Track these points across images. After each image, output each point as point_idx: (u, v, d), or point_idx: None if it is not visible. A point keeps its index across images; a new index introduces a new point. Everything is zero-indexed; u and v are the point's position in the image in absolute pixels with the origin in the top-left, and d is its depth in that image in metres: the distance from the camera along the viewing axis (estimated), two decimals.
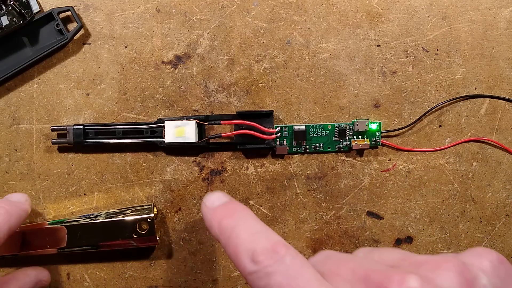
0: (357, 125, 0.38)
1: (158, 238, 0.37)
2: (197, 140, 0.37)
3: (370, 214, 0.40)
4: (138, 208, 0.37)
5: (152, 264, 0.39)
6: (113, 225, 0.37)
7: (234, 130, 0.38)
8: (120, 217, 0.37)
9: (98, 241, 0.37)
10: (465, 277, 0.21)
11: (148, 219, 0.36)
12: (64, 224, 0.37)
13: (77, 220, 0.37)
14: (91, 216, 0.37)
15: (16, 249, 0.37)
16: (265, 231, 0.25)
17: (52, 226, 0.37)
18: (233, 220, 0.26)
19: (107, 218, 0.37)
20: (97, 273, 0.39)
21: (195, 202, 0.39)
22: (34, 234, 0.37)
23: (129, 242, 0.37)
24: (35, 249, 0.37)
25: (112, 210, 0.38)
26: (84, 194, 0.39)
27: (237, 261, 0.24)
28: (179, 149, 0.39)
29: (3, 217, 0.31)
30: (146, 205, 0.38)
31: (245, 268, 0.23)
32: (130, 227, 0.36)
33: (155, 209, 0.38)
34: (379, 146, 0.39)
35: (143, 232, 0.36)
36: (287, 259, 0.22)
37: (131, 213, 0.37)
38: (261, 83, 0.39)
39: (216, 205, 0.28)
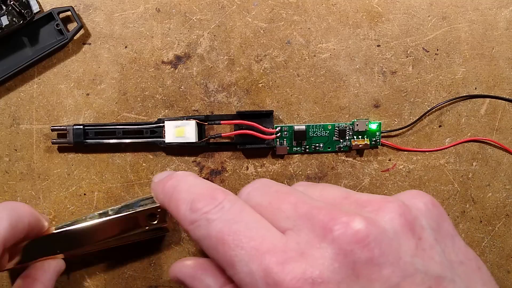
0: (357, 125, 0.39)
1: (167, 226, 0.35)
2: (197, 140, 0.37)
3: None
4: (144, 200, 0.36)
5: (152, 264, 0.39)
6: (124, 220, 0.35)
7: (234, 130, 0.38)
8: (128, 211, 0.35)
9: (111, 238, 0.34)
10: (406, 218, 0.21)
11: (158, 209, 0.35)
12: (71, 228, 0.34)
13: (86, 220, 0.35)
14: (99, 213, 0.35)
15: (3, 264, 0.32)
16: (204, 183, 0.24)
17: (59, 231, 0.34)
18: (174, 181, 0.26)
19: (117, 214, 0.34)
20: (97, 273, 0.39)
21: None
22: (38, 241, 0.34)
23: (141, 235, 0.35)
24: (41, 258, 0.34)
25: (118, 206, 0.36)
26: (84, 194, 0.39)
27: (178, 214, 0.24)
28: (179, 149, 0.39)
29: None
30: (148, 197, 0.36)
31: (185, 218, 0.23)
32: (141, 218, 0.34)
33: None
34: (379, 146, 0.39)
35: (154, 222, 0.35)
36: (226, 204, 0.22)
37: (138, 206, 0.35)
38: (261, 83, 0.39)
39: (163, 177, 0.28)
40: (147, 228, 0.35)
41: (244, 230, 0.21)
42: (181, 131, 0.37)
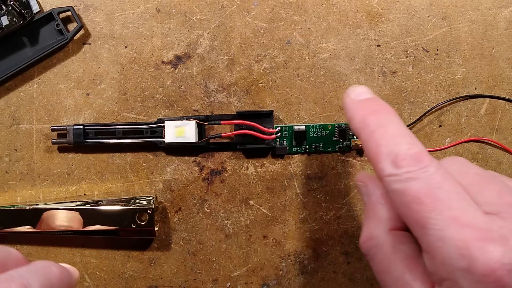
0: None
1: (156, 231, 0.37)
2: (197, 140, 0.37)
3: None
4: (139, 199, 0.38)
5: (152, 264, 0.39)
6: (113, 213, 0.37)
7: (234, 130, 0.38)
8: (121, 206, 0.37)
9: (97, 227, 0.37)
10: None
11: (149, 211, 0.36)
12: (63, 208, 0.37)
13: (78, 205, 0.37)
14: (92, 202, 0.38)
15: None
16: (411, 137, 0.23)
17: (51, 209, 0.37)
18: (379, 118, 0.25)
19: (107, 206, 0.37)
20: (97, 273, 0.39)
21: (195, 202, 0.39)
22: (32, 215, 0.37)
23: (127, 232, 0.37)
24: (31, 229, 0.37)
25: (113, 198, 0.38)
26: (84, 194, 0.39)
27: (376, 160, 0.23)
28: (179, 149, 0.39)
29: None
30: (147, 197, 0.38)
31: (383, 169, 0.22)
32: (129, 216, 0.36)
33: (156, 202, 0.38)
34: None
35: (142, 223, 0.37)
36: (430, 169, 0.21)
37: (132, 203, 0.37)
38: (261, 83, 0.39)
39: (362, 98, 0.26)
40: (134, 226, 0.36)
41: (444, 198, 0.21)
42: (181, 131, 0.37)
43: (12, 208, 0.37)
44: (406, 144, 0.23)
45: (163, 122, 0.38)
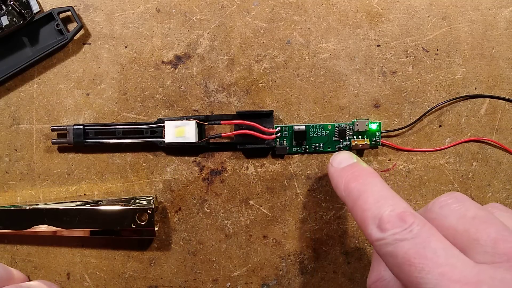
0: (357, 125, 0.38)
1: (156, 231, 0.37)
2: (197, 140, 0.37)
3: None
4: (139, 199, 0.38)
5: (152, 264, 0.39)
6: (113, 213, 0.37)
7: (234, 130, 0.38)
8: (121, 206, 0.37)
9: (96, 226, 0.37)
10: None
11: (149, 211, 0.37)
12: (63, 207, 0.37)
13: (78, 205, 0.37)
14: (92, 202, 0.38)
15: None
16: (392, 198, 0.24)
17: (50, 208, 0.37)
18: (360, 184, 0.26)
19: (107, 206, 0.37)
20: (97, 273, 0.39)
21: (195, 202, 0.39)
22: (32, 215, 0.37)
23: (127, 232, 0.37)
24: (32, 229, 0.37)
25: (113, 198, 0.38)
26: (84, 194, 0.39)
27: (363, 226, 0.24)
28: (179, 149, 0.39)
29: None
30: (147, 197, 0.38)
31: (371, 234, 0.23)
32: (129, 216, 0.36)
33: (156, 202, 0.38)
34: (379, 146, 0.39)
35: (142, 223, 0.37)
36: (414, 228, 0.22)
37: (132, 203, 0.37)
38: (261, 83, 0.39)
39: (343, 165, 0.28)
40: (134, 226, 0.36)
41: (432, 256, 0.21)
42: (181, 131, 0.37)
43: (12, 208, 0.37)
44: (389, 206, 0.23)
45: (163, 122, 0.38)
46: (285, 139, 0.39)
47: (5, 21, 0.36)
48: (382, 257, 0.23)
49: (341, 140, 0.39)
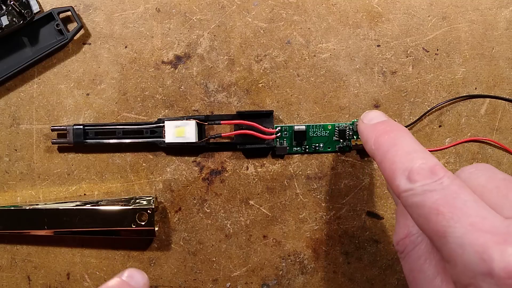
0: (357, 125, 0.38)
1: (156, 231, 0.37)
2: (197, 140, 0.37)
3: (370, 214, 0.40)
4: (139, 199, 0.38)
5: (152, 264, 0.39)
6: (112, 213, 0.37)
7: (234, 130, 0.38)
8: (121, 206, 0.37)
9: (96, 226, 0.37)
10: None
11: (149, 211, 0.37)
12: (63, 207, 0.37)
13: (78, 205, 0.37)
14: (92, 202, 0.38)
15: None
16: (423, 152, 0.24)
17: (50, 208, 0.37)
18: (391, 137, 0.25)
19: (107, 206, 0.37)
20: (97, 273, 0.39)
21: (195, 202, 0.39)
22: (32, 215, 0.37)
23: (127, 232, 0.37)
24: (31, 229, 0.37)
25: (113, 198, 0.38)
26: (84, 194, 0.39)
27: (392, 178, 0.24)
28: (179, 149, 0.39)
29: None
30: (147, 197, 0.38)
31: (399, 185, 0.23)
32: (129, 216, 0.36)
33: (156, 202, 0.38)
34: None
35: (142, 223, 0.37)
36: (445, 180, 0.22)
37: (132, 203, 0.37)
38: (261, 83, 0.39)
39: (374, 122, 0.28)
40: (134, 226, 0.36)
41: (461, 206, 0.21)
42: (181, 131, 0.37)
43: (12, 208, 0.37)
44: (420, 159, 0.23)
45: (163, 122, 0.38)
46: (285, 139, 0.39)
47: (5, 21, 0.36)
48: (408, 208, 0.23)
49: (341, 140, 0.39)
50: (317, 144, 0.39)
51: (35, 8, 0.37)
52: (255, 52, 0.39)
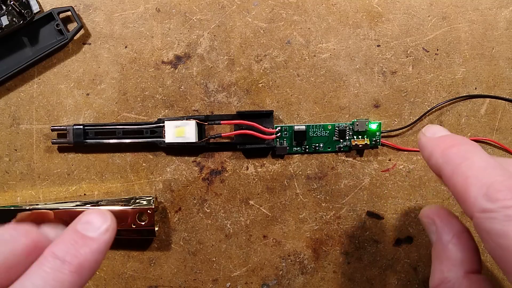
0: (357, 125, 0.38)
1: (156, 231, 0.37)
2: (197, 140, 0.37)
3: (370, 214, 0.40)
4: (139, 199, 0.38)
5: (152, 264, 0.39)
6: (113, 213, 0.36)
7: (234, 130, 0.38)
8: (121, 206, 0.37)
9: None
10: None
11: (149, 211, 0.37)
12: (63, 207, 0.37)
13: (78, 205, 0.37)
14: (92, 202, 0.38)
15: None
16: (501, 168, 0.21)
17: (50, 208, 0.37)
18: (463, 150, 0.22)
19: (107, 206, 0.37)
20: (97, 273, 0.39)
21: (195, 202, 0.39)
22: (31, 217, 0.37)
23: (127, 232, 0.37)
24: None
25: (113, 198, 0.38)
26: (84, 194, 0.39)
27: (465, 195, 0.21)
28: (179, 149, 0.39)
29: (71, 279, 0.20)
30: (147, 197, 0.38)
31: (475, 203, 0.20)
32: (130, 217, 0.36)
33: (156, 202, 0.38)
34: (379, 146, 0.39)
35: (142, 223, 0.37)
36: None
37: (132, 203, 0.37)
38: (261, 83, 0.39)
39: (439, 135, 0.25)
40: (134, 226, 0.36)
41: None
42: (181, 131, 0.37)
43: (12, 208, 0.37)
44: (499, 176, 0.20)
45: (163, 122, 0.38)
46: (285, 139, 0.39)
47: (5, 21, 0.36)
48: (482, 232, 0.20)
49: (341, 140, 0.39)
50: (317, 144, 0.39)
51: (35, 8, 0.37)
52: (255, 52, 0.39)
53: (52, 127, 0.38)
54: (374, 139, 0.39)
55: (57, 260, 0.20)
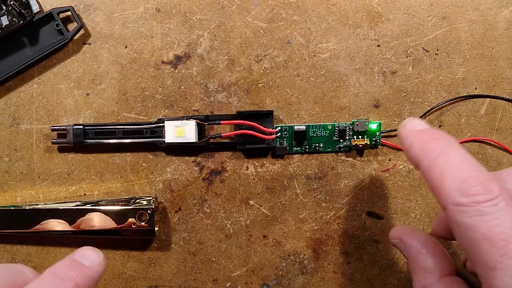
0: (357, 125, 0.38)
1: (156, 231, 0.37)
2: (197, 140, 0.37)
3: (370, 214, 0.40)
4: (139, 199, 0.38)
5: (152, 264, 0.39)
6: (112, 213, 0.37)
7: (234, 130, 0.38)
8: (121, 206, 0.37)
9: (97, 227, 0.37)
10: None
11: (149, 211, 0.37)
12: (63, 207, 0.37)
13: (78, 205, 0.37)
14: (92, 202, 0.38)
15: None
16: (476, 164, 0.21)
17: (50, 208, 0.37)
18: (441, 145, 0.23)
19: (107, 206, 0.37)
20: None
21: (195, 202, 0.39)
22: (32, 215, 0.37)
23: (127, 232, 0.37)
24: (31, 229, 0.37)
25: (113, 198, 0.38)
26: (84, 194, 0.39)
27: (440, 188, 0.21)
28: (179, 149, 0.39)
29: None
30: (147, 197, 0.38)
31: (449, 196, 0.21)
32: (130, 217, 0.37)
33: (156, 202, 0.38)
34: (379, 146, 0.39)
35: (142, 223, 0.37)
36: (500, 203, 0.20)
37: (132, 203, 0.37)
38: (261, 83, 0.39)
39: (420, 128, 0.26)
40: (134, 226, 0.36)
41: None
42: (181, 131, 0.37)
43: (12, 208, 0.37)
44: (474, 171, 0.21)
45: (163, 122, 0.38)
46: (285, 139, 0.39)
47: (5, 21, 0.36)
48: (454, 225, 0.21)
49: (341, 140, 0.39)
50: (317, 144, 0.39)
51: (35, 8, 0.37)
52: (255, 52, 0.39)
53: (52, 127, 0.38)
54: (374, 139, 0.39)
55: (57, 278, 0.23)
